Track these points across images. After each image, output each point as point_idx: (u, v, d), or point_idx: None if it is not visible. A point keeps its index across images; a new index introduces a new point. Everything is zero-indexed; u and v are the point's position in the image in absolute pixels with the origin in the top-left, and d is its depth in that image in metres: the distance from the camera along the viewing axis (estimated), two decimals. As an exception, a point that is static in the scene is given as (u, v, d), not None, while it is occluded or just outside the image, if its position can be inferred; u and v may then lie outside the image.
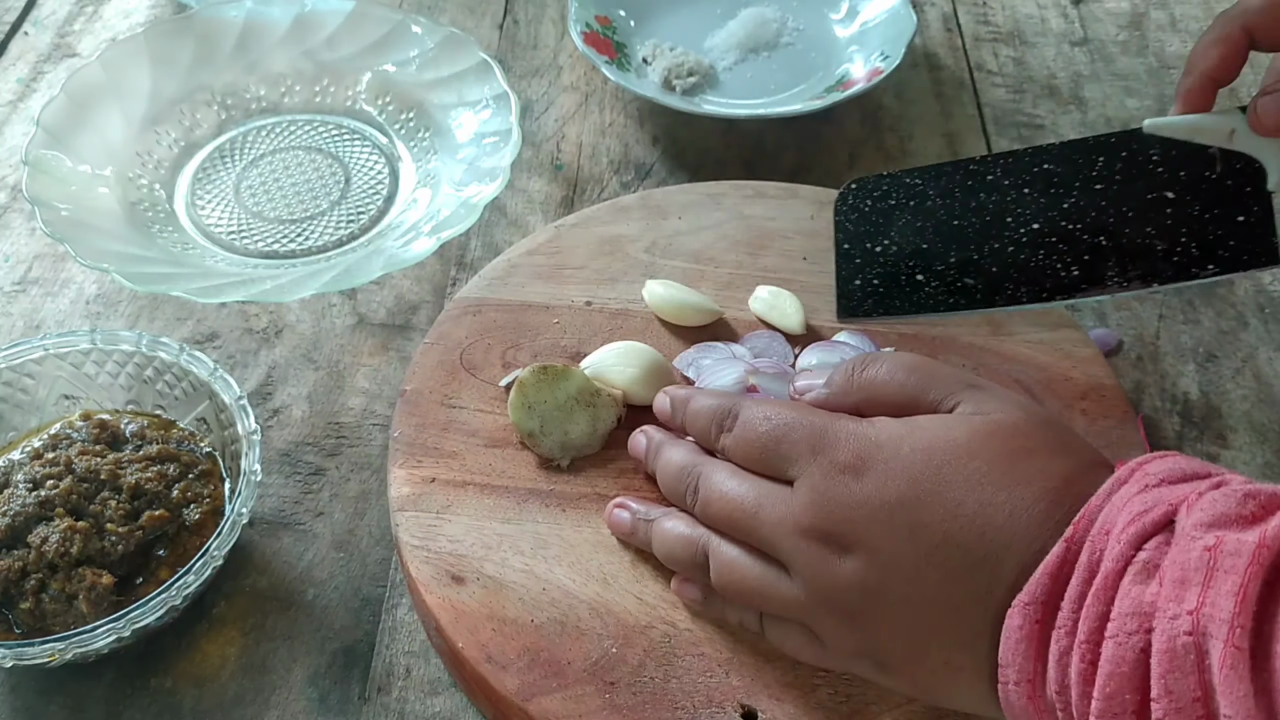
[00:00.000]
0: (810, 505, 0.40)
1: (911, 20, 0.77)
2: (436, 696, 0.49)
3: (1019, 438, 0.39)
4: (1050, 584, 0.35)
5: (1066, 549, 0.35)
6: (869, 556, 0.39)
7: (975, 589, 0.37)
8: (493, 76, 0.71)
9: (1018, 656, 0.35)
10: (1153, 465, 0.37)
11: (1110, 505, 0.36)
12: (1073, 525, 0.35)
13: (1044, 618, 0.35)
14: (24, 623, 0.47)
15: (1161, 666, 0.31)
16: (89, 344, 0.54)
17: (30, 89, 0.80)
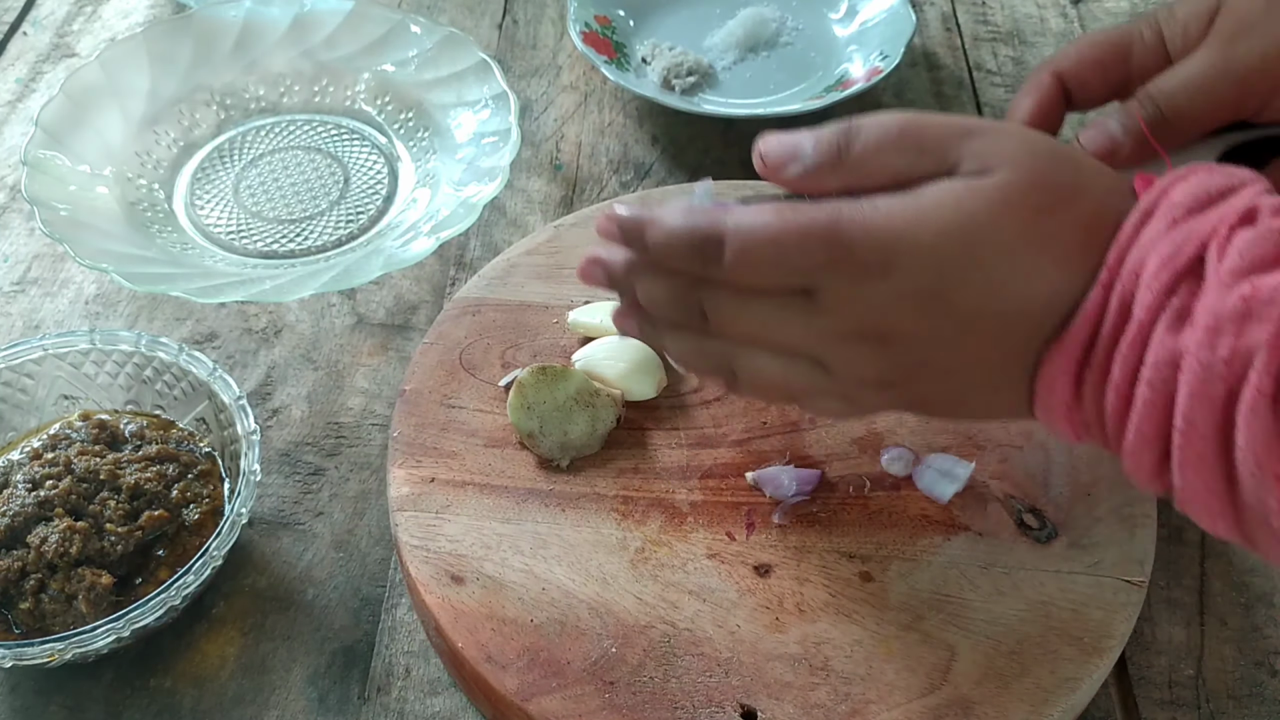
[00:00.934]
0: (841, 318, 0.39)
1: (911, 20, 0.77)
2: (436, 696, 0.49)
3: (1034, 193, 0.38)
4: (1088, 328, 0.36)
5: (1103, 292, 0.36)
6: (907, 343, 0.39)
7: (1014, 345, 0.38)
8: (492, 76, 0.71)
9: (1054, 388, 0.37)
10: (1176, 192, 0.36)
11: (1139, 243, 0.36)
12: (1107, 269, 0.36)
13: (1081, 357, 0.36)
14: (23, 623, 0.47)
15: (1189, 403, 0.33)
16: (88, 344, 0.54)
17: (29, 89, 0.80)
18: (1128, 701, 0.49)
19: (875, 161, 0.39)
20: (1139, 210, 0.36)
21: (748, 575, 0.48)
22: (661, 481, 0.51)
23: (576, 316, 0.56)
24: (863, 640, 0.45)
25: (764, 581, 0.48)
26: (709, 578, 0.47)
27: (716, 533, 0.49)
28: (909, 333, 0.38)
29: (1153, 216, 0.36)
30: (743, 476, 0.51)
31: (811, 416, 0.54)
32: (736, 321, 0.40)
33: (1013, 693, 0.44)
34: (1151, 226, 0.36)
